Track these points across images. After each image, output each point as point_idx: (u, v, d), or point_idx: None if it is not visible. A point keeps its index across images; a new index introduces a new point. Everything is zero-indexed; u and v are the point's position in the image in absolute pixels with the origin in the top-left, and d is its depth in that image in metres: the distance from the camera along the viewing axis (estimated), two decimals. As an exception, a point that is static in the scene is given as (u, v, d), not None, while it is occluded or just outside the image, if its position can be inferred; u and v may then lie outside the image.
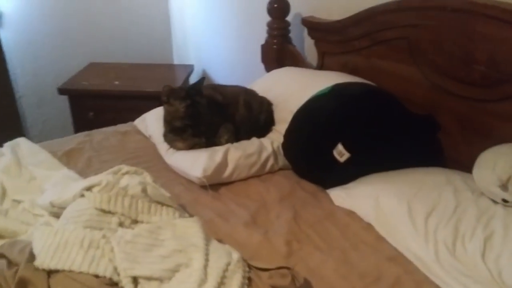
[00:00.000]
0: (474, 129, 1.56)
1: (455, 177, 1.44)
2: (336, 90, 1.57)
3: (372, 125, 1.49)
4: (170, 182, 1.58)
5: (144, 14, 3.38)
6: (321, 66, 2.12)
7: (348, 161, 1.48)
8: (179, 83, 2.96)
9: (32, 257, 1.14)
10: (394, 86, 1.70)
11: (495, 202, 1.31)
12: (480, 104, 1.52)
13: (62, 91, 2.82)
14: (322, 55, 2.10)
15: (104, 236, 1.18)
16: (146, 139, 1.94)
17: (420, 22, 1.62)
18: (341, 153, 1.47)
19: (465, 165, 1.51)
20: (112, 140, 1.90)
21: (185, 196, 1.52)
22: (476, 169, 1.37)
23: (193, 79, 3.33)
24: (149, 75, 3.07)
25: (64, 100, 2.87)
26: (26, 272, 1.09)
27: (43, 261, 1.11)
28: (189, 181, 1.63)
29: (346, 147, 1.46)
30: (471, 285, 1.12)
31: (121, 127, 2.03)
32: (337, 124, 1.50)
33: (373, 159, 1.51)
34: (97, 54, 3.30)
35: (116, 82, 2.88)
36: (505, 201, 1.28)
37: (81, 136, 1.93)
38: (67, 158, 1.75)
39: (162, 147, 1.76)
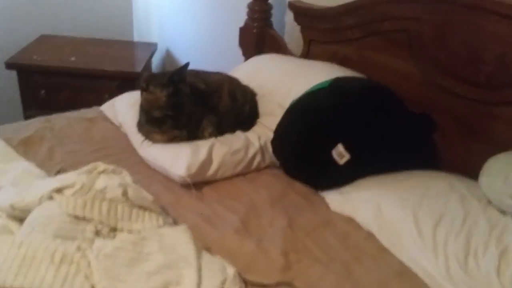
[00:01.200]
0: (473, 132, 1.49)
1: (458, 183, 1.35)
2: (336, 85, 1.43)
3: (375, 125, 1.37)
4: (147, 179, 1.41)
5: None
6: (306, 55, 1.98)
7: (347, 162, 1.37)
8: (141, 62, 2.74)
9: (-10, 274, 0.96)
10: (386, 81, 1.59)
11: (503, 212, 1.24)
12: (483, 106, 1.45)
13: (10, 65, 2.54)
14: (308, 43, 1.96)
15: (79, 248, 1.02)
16: (116, 127, 1.73)
17: (424, 15, 1.52)
18: (341, 154, 1.35)
19: (460, 168, 1.45)
20: (77, 127, 1.68)
21: (165, 197, 1.35)
22: (484, 177, 1.29)
23: (156, 59, 3.11)
24: (109, 52, 2.83)
25: (11, 76, 2.59)
26: (-16, 293, 0.92)
27: (5, 279, 0.94)
28: (168, 179, 1.46)
29: (347, 148, 1.34)
30: (485, 305, 1.05)
31: (85, 113, 1.80)
32: (339, 122, 1.38)
33: (372, 161, 1.41)
34: (48, 25, 3.00)
35: (73, 58, 2.64)
36: (516, 213, 1.21)
37: (40, 121, 1.70)
38: (25, 148, 1.52)
39: (136, 138, 1.57)
